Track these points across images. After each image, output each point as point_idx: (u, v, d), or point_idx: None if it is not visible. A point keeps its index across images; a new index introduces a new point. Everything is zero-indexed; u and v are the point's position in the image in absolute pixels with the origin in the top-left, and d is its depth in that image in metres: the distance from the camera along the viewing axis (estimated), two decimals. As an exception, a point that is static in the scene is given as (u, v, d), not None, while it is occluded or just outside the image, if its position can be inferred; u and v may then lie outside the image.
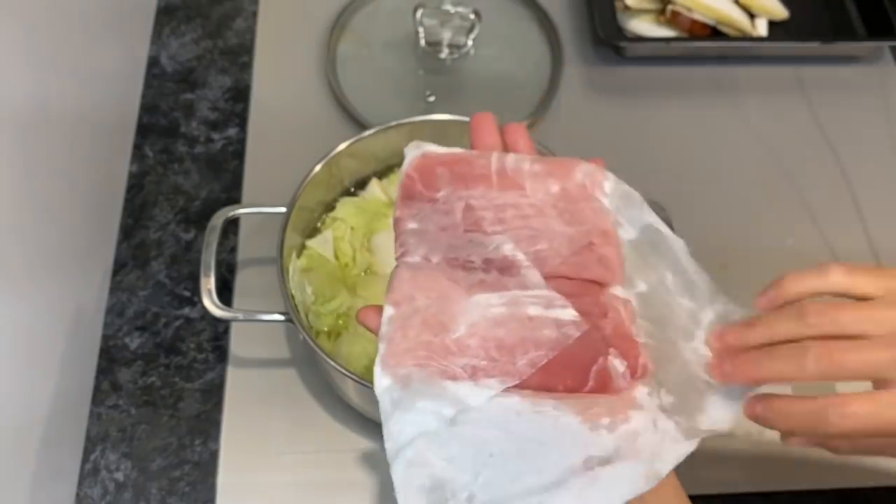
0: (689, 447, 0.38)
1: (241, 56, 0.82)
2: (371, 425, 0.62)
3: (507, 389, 0.38)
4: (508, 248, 0.43)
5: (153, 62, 0.81)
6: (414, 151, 0.47)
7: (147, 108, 0.78)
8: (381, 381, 0.38)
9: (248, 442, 0.62)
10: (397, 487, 0.37)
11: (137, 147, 0.76)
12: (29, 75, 0.58)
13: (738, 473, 0.62)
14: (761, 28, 0.85)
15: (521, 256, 0.42)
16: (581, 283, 0.42)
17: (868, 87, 0.83)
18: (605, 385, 0.39)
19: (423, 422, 0.37)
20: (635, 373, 0.40)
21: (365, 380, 0.54)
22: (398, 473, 0.37)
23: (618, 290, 0.42)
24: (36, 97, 0.59)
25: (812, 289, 0.40)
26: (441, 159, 0.46)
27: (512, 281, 0.42)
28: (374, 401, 0.57)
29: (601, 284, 0.42)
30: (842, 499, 0.61)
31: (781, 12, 0.85)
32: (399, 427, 0.37)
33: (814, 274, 0.40)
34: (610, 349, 0.40)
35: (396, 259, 0.43)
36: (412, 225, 0.44)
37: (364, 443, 0.62)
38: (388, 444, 0.38)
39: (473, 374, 0.39)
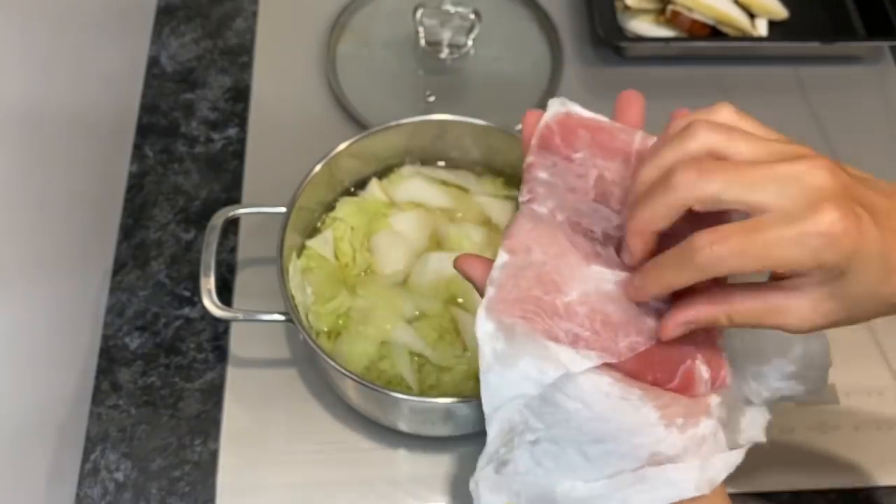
0: (737, 458, 0.39)
1: (241, 56, 0.82)
2: (371, 425, 0.62)
3: (601, 367, 0.38)
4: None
5: (153, 62, 0.81)
6: (559, 107, 0.46)
7: (147, 108, 0.78)
8: (485, 326, 0.38)
9: (248, 442, 0.62)
10: (490, 442, 0.39)
11: (137, 147, 0.76)
12: (29, 75, 0.58)
13: (739, 473, 0.62)
14: (761, 28, 0.85)
15: None
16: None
17: (868, 87, 0.83)
18: (688, 387, 0.39)
19: (524, 385, 0.38)
20: (715, 382, 0.40)
21: (365, 380, 0.55)
22: (492, 432, 0.38)
23: None
24: (36, 97, 0.59)
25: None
26: (584, 122, 0.45)
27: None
28: (374, 401, 0.58)
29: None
30: (842, 499, 0.61)
31: (781, 12, 0.85)
32: (499, 382, 0.38)
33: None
34: (698, 355, 0.40)
35: (521, 203, 0.42)
36: (544, 175, 0.43)
37: (364, 443, 0.62)
38: (485, 396, 0.38)
39: (574, 341, 0.39)
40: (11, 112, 0.55)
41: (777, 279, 0.37)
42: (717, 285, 0.38)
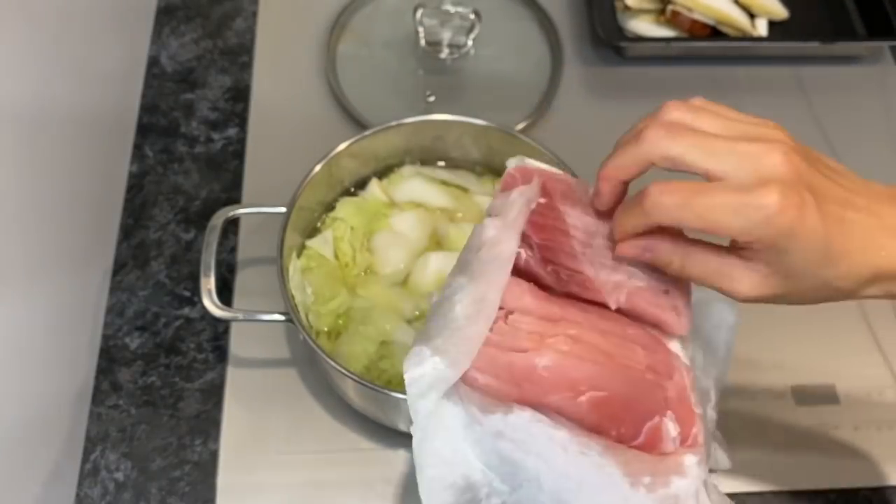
0: None
1: (241, 56, 0.82)
2: (371, 425, 0.62)
3: (556, 420, 0.38)
4: (590, 272, 0.42)
5: (153, 62, 0.81)
6: (515, 161, 0.47)
7: (147, 108, 0.78)
8: (430, 360, 0.37)
9: (248, 442, 0.62)
10: (424, 480, 0.37)
11: (137, 147, 0.76)
12: (29, 75, 0.58)
13: (739, 473, 0.62)
14: (761, 28, 0.85)
15: (602, 280, 0.42)
16: (651, 337, 0.42)
17: (868, 87, 0.83)
18: (653, 444, 0.39)
19: (464, 418, 0.37)
20: (685, 441, 0.39)
21: (365, 380, 0.55)
22: (428, 468, 0.37)
23: (677, 348, 0.42)
24: (36, 97, 0.59)
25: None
26: (541, 172, 0.46)
27: (589, 307, 0.42)
28: (374, 401, 0.58)
29: (665, 331, 0.42)
30: (842, 499, 0.61)
31: (781, 12, 0.85)
32: (436, 410, 0.37)
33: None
34: (668, 411, 0.39)
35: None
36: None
37: (364, 443, 0.62)
38: (416, 421, 0.37)
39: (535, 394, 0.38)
40: (12, 112, 0.55)
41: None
42: (683, 237, 0.40)
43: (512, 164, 0.46)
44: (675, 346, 0.42)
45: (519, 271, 0.41)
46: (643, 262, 0.41)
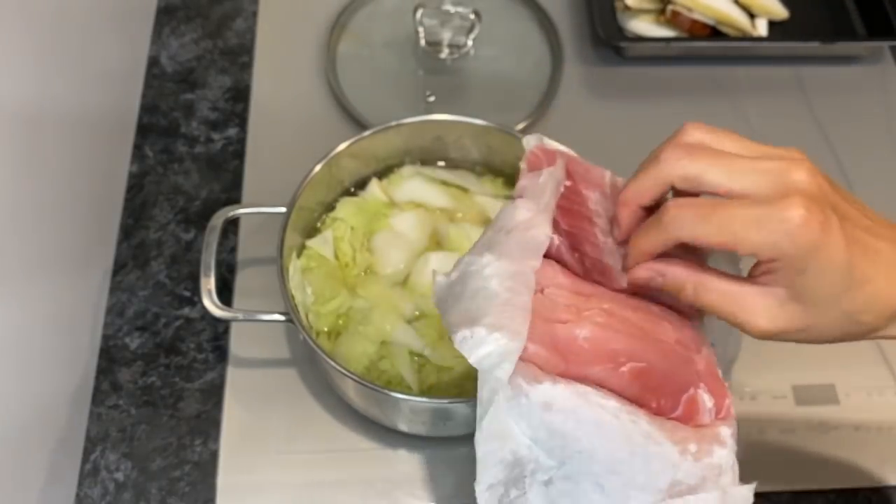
0: (749, 492, 0.38)
1: (241, 56, 0.82)
2: (371, 425, 0.62)
3: (605, 392, 0.38)
4: (611, 261, 0.42)
5: (153, 62, 0.81)
6: (534, 140, 0.46)
7: (147, 108, 0.78)
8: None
9: (248, 442, 0.62)
10: (480, 456, 0.37)
11: (137, 147, 0.76)
12: (29, 75, 0.58)
13: (739, 473, 0.62)
14: (761, 28, 0.85)
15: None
16: (675, 314, 0.42)
17: (868, 87, 0.83)
18: (691, 416, 0.39)
19: (509, 392, 0.36)
20: (719, 412, 0.40)
21: (365, 380, 0.55)
22: (482, 443, 0.36)
23: (699, 327, 0.42)
24: (36, 97, 0.59)
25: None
26: (561, 153, 0.45)
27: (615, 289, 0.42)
28: (374, 401, 0.58)
29: (686, 314, 0.42)
30: (842, 499, 0.61)
31: (781, 12, 0.85)
32: (504, 411, 0.36)
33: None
34: (701, 384, 0.40)
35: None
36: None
37: (364, 443, 0.62)
38: (480, 396, 0.36)
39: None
40: (11, 112, 0.55)
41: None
42: (699, 263, 0.39)
43: (531, 142, 0.45)
44: (696, 322, 0.43)
45: (549, 256, 0.42)
46: (654, 289, 0.40)
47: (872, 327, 0.38)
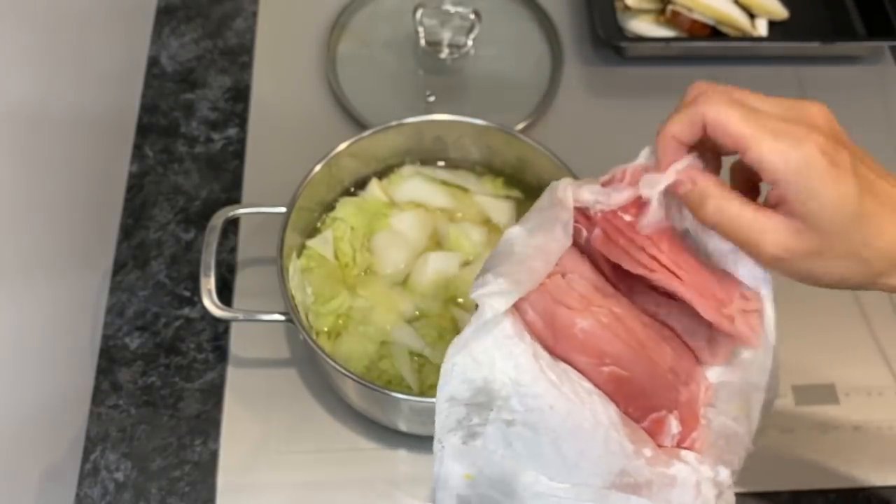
0: None
1: (241, 56, 0.82)
2: (371, 425, 0.62)
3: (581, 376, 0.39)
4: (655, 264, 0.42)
5: (153, 62, 0.81)
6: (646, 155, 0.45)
7: (147, 108, 0.78)
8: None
9: (248, 442, 0.62)
10: (447, 368, 0.38)
11: (137, 147, 0.76)
12: (29, 75, 0.58)
13: (739, 473, 0.62)
14: (761, 28, 0.85)
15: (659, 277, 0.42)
16: (683, 346, 0.42)
17: (868, 87, 0.83)
18: (654, 433, 0.40)
19: (511, 329, 0.38)
20: (683, 441, 0.41)
21: (365, 380, 0.55)
22: (456, 357, 0.38)
23: (715, 372, 0.43)
24: (36, 97, 0.59)
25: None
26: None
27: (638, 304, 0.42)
28: (374, 401, 0.58)
29: (697, 359, 0.43)
30: (842, 499, 0.61)
31: (781, 12, 0.85)
32: (492, 345, 0.37)
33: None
34: (675, 411, 0.41)
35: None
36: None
37: (364, 443, 0.62)
38: (472, 322, 0.37)
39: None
40: (11, 112, 0.55)
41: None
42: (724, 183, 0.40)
43: (641, 157, 0.45)
44: (714, 369, 0.43)
45: (580, 247, 0.42)
46: (682, 197, 0.40)
47: (875, 268, 0.39)
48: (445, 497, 0.40)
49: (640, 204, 0.42)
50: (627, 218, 0.42)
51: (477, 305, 0.38)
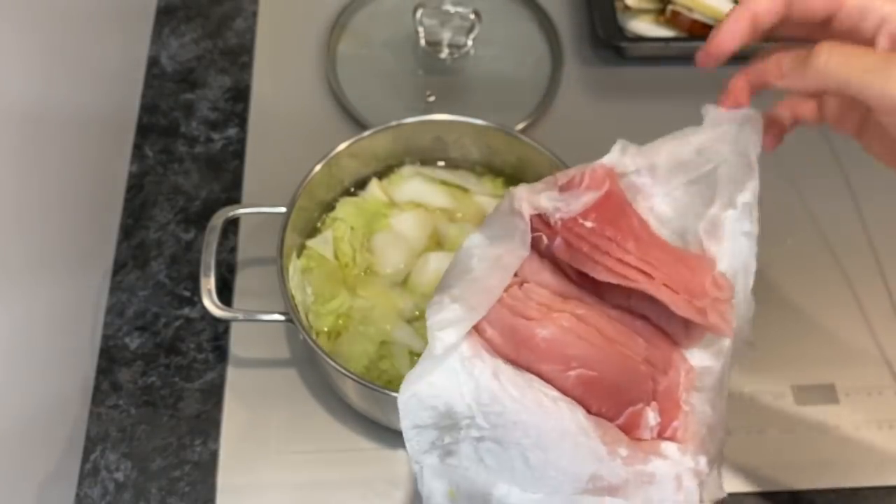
0: None
1: (241, 56, 0.82)
2: (371, 425, 0.62)
3: (550, 387, 0.39)
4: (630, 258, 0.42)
5: (153, 62, 0.81)
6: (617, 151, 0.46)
7: (147, 108, 0.78)
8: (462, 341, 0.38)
9: (248, 442, 0.62)
10: (405, 396, 0.38)
11: (137, 147, 0.76)
12: (28, 75, 0.58)
13: (739, 473, 0.62)
14: (761, 28, 0.85)
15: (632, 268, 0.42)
16: (658, 334, 0.42)
17: (868, 87, 0.83)
18: (631, 428, 0.40)
19: (468, 350, 0.38)
20: (664, 431, 0.40)
21: (365, 380, 0.55)
22: (413, 385, 0.38)
23: (690, 351, 0.43)
24: (36, 97, 0.59)
25: None
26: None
27: (605, 298, 0.42)
28: (374, 401, 0.58)
29: (675, 343, 0.42)
30: (842, 499, 0.61)
31: (781, 12, 0.85)
32: (446, 373, 0.38)
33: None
34: (653, 402, 0.40)
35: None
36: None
37: (364, 443, 0.62)
38: (424, 355, 0.38)
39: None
40: (11, 112, 0.55)
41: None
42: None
43: (617, 150, 0.46)
44: (694, 353, 0.43)
45: (540, 251, 0.42)
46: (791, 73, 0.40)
47: None
48: None
49: (598, 209, 0.42)
50: (588, 224, 0.42)
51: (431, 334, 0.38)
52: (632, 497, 0.38)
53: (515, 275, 0.41)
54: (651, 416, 0.40)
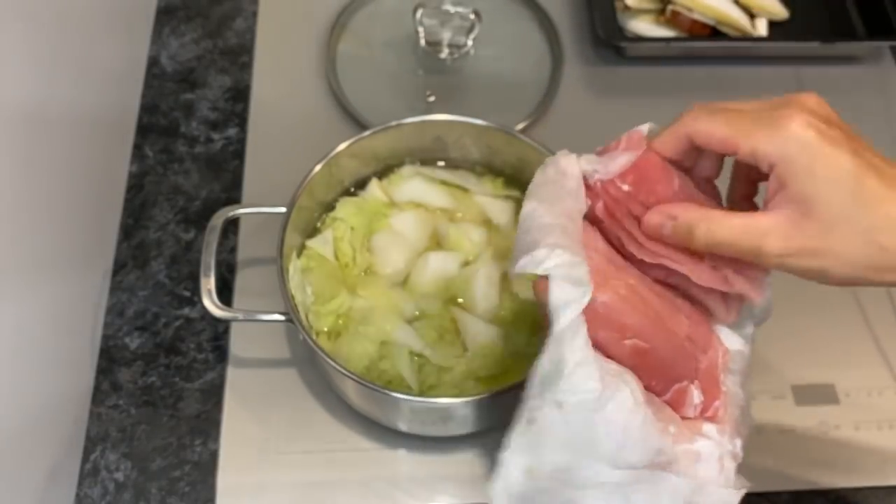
0: (731, 498, 0.39)
1: (241, 56, 0.82)
2: (371, 425, 0.62)
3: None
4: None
5: (153, 62, 0.81)
6: (646, 128, 0.46)
7: (147, 108, 0.78)
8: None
9: (248, 442, 0.62)
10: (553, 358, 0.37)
11: (137, 147, 0.76)
12: (29, 75, 0.58)
13: (739, 473, 0.62)
14: (761, 28, 0.85)
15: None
16: (697, 311, 0.42)
17: (868, 87, 0.83)
18: (678, 406, 0.40)
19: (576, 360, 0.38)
20: (706, 411, 0.41)
21: (365, 380, 0.55)
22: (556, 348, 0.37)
23: (726, 332, 0.43)
24: (36, 97, 0.59)
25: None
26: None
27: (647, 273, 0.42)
28: (374, 401, 0.58)
29: (713, 320, 0.43)
30: (842, 499, 0.61)
31: (781, 12, 0.85)
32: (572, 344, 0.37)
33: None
34: (696, 381, 0.41)
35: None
36: None
37: (364, 443, 0.62)
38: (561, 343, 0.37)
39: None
40: (11, 112, 0.55)
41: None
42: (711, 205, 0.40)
43: (642, 129, 0.45)
44: (724, 330, 0.43)
45: (590, 220, 0.42)
46: (673, 242, 0.40)
47: (889, 259, 0.36)
48: (501, 491, 0.39)
49: (636, 171, 0.42)
50: (625, 187, 0.42)
51: (543, 278, 0.37)
52: (686, 474, 0.38)
53: None
54: (695, 394, 0.40)
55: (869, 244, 0.35)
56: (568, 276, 0.37)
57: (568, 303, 0.37)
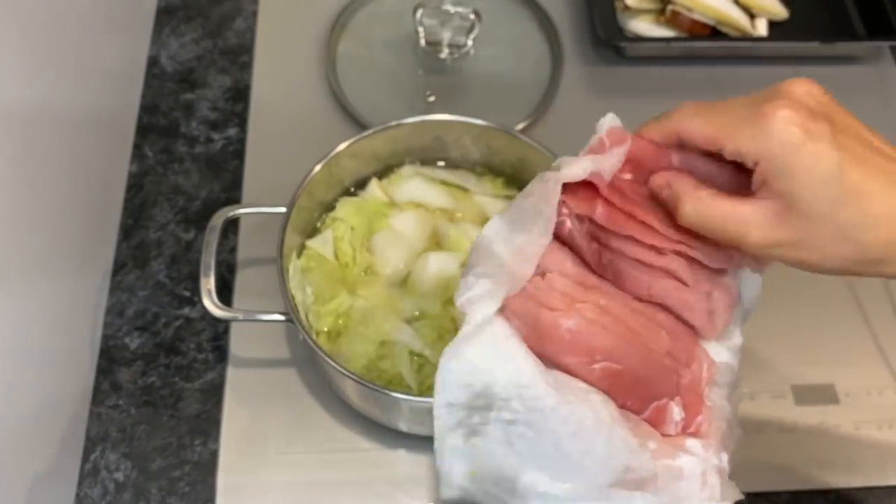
0: None
1: (241, 56, 0.82)
2: (371, 425, 0.62)
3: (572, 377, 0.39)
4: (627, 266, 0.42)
5: (153, 62, 0.81)
6: (609, 122, 0.46)
7: (147, 108, 0.78)
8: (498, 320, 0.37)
9: (248, 442, 0.62)
10: (442, 373, 0.37)
11: (137, 147, 0.76)
12: (29, 75, 0.58)
13: (739, 473, 0.62)
14: (761, 28, 0.85)
15: (636, 276, 0.41)
16: (680, 326, 0.42)
17: (868, 87, 0.83)
18: (656, 423, 0.40)
19: (507, 331, 0.37)
20: (688, 427, 0.40)
21: (365, 380, 0.55)
22: (451, 362, 0.37)
23: (713, 346, 0.43)
24: (36, 97, 0.59)
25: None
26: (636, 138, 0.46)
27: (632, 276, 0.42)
28: (374, 401, 0.58)
29: (697, 334, 0.42)
30: (842, 499, 0.61)
31: (781, 12, 0.85)
32: (483, 355, 0.37)
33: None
34: (677, 397, 0.40)
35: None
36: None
37: (364, 443, 0.62)
38: (462, 328, 0.37)
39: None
40: (11, 112, 0.55)
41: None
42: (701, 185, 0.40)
43: (605, 124, 0.45)
44: (710, 343, 0.43)
45: (562, 239, 0.42)
46: (663, 201, 0.40)
47: (875, 254, 0.36)
48: (448, 491, 0.40)
49: (631, 160, 0.42)
50: (627, 177, 0.42)
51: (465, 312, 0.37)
52: (661, 492, 0.38)
53: (537, 266, 0.40)
54: (676, 411, 0.40)
55: (847, 240, 0.36)
56: (476, 304, 0.37)
57: (479, 325, 0.37)
